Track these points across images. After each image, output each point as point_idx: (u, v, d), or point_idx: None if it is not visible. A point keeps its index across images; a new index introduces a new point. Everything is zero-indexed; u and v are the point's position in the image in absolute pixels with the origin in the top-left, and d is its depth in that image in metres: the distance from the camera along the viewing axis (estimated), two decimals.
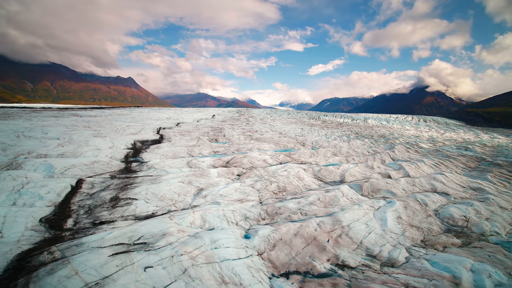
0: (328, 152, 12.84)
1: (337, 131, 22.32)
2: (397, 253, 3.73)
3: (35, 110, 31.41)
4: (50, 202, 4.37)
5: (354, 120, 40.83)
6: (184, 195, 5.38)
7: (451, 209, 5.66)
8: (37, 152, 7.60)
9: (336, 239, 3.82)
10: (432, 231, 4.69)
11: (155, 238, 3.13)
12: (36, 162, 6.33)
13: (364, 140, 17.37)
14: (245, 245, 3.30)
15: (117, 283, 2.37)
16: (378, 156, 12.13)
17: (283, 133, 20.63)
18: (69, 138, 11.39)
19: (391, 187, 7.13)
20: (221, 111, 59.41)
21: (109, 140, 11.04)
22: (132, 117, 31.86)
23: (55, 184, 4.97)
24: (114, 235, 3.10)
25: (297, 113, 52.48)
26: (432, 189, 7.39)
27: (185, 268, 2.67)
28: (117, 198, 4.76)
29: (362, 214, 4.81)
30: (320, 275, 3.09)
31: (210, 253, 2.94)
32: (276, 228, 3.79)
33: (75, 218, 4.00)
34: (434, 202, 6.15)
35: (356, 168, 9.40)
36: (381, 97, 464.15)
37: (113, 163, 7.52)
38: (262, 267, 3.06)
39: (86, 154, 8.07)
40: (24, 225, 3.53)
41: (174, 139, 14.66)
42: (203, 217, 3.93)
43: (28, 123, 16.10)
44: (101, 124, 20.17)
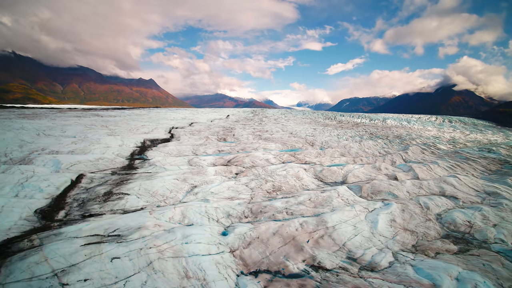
0: (336, 153, 12.51)
1: (350, 132, 21.68)
2: (381, 257, 3.55)
3: (61, 111, 33.60)
4: (48, 195, 4.66)
5: (372, 121, 39.48)
6: (176, 191, 5.49)
7: (455, 213, 5.28)
8: (50, 149, 8.13)
9: (317, 240, 3.71)
10: (428, 236, 4.41)
11: (130, 231, 3.23)
12: (46, 158, 6.77)
13: (377, 140, 16.73)
14: (218, 242, 3.30)
15: (81, 271, 2.48)
16: (388, 157, 11.63)
17: (294, 133, 20.40)
18: (84, 136, 12.05)
19: (393, 189, 6.81)
20: (236, 111, 59.98)
21: (120, 139, 11.53)
22: (149, 117, 33.08)
23: (56, 178, 5.29)
24: (91, 227, 3.24)
25: (312, 113, 51.70)
26: (441, 192, 6.95)
27: (151, 261, 2.73)
28: (110, 193, 4.97)
29: (352, 215, 4.63)
30: (291, 276, 3.01)
31: (179, 247, 2.98)
32: (255, 226, 3.76)
33: (67, 210, 4.23)
34: (438, 206, 5.77)
35: (361, 169, 9.08)
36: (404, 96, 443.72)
37: (117, 160, 7.86)
38: (232, 264, 3.05)
39: (94, 151, 8.50)
40: (19, 215, 3.79)
41: (183, 138, 15.01)
42: (183, 213, 3.99)
43: (51, 122, 17.24)
44: (118, 123, 21.12)
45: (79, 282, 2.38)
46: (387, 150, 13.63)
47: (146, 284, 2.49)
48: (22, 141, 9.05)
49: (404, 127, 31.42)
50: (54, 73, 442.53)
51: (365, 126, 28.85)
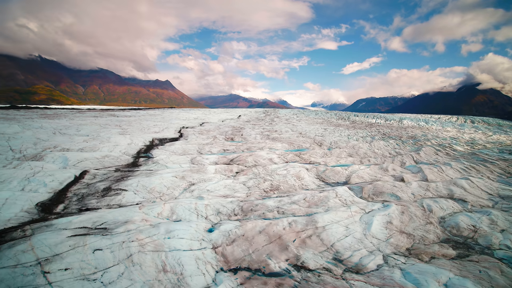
0: (343, 153, 12.24)
1: (362, 132, 21.13)
2: (369, 259, 3.43)
3: (80, 111, 35.24)
4: (51, 189, 4.90)
5: (387, 121, 38.33)
6: (173, 189, 5.60)
7: (460, 217, 5.00)
8: (61, 146, 8.55)
9: (304, 240, 3.64)
10: (426, 239, 4.20)
11: (117, 224, 3.34)
12: (55, 155, 7.13)
13: (388, 141, 16.19)
14: (202, 238, 3.33)
15: (63, 261, 2.59)
16: (398, 158, 11.23)
17: (303, 133, 20.18)
18: (97, 135, 12.56)
19: (397, 190, 6.56)
20: (248, 111, 60.24)
21: (129, 138, 11.92)
22: (162, 117, 33.95)
23: (61, 174, 5.56)
24: (81, 219, 3.38)
25: (325, 113, 50.96)
26: (449, 195, 6.62)
27: (131, 254, 2.80)
28: (109, 189, 5.15)
29: (346, 216, 4.51)
30: (271, 274, 2.98)
31: (160, 242, 3.04)
32: (242, 224, 3.76)
33: (66, 204, 4.43)
34: (443, 209, 5.49)
35: (367, 170, 8.82)
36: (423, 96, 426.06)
37: (122, 157, 8.14)
38: (212, 260, 3.07)
39: (102, 149, 8.85)
40: (20, 207, 4.03)
41: (191, 137, 15.28)
42: (172, 209, 4.06)
43: (69, 122, 18.12)
44: (131, 123, 21.82)
45: (59, 271, 2.49)
46: (398, 151, 13.15)
47: (123, 275, 2.56)
48: (38, 139, 9.58)
49: (421, 127, 30.22)
50: (76, 76, 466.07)
51: (379, 127, 28.04)
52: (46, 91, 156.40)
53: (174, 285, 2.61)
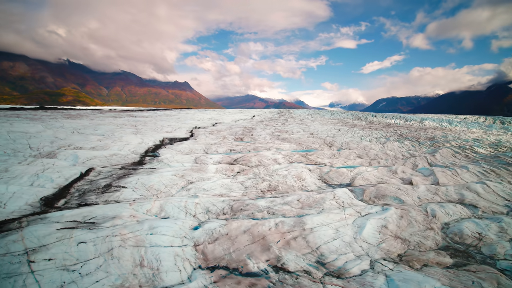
0: (353, 154, 11.90)
1: (377, 133, 20.41)
2: (354, 264, 3.31)
3: (102, 112, 37.04)
4: (57, 185, 5.22)
5: (407, 121, 36.80)
6: (171, 187, 5.75)
7: (466, 224, 4.69)
8: (75, 145, 9.06)
9: (288, 241, 3.59)
10: (422, 246, 3.98)
11: (105, 219, 3.49)
12: (67, 153, 7.57)
13: (404, 142, 15.52)
14: (184, 236, 3.39)
15: (48, 252, 2.75)
16: (411, 160, 10.73)
17: (314, 134, 19.88)
18: (111, 134, 13.16)
19: (401, 193, 6.27)
20: (262, 112, 60.28)
21: (140, 137, 12.37)
22: (178, 117, 34.86)
23: (68, 171, 5.90)
24: (73, 213, 3.57)
25: (342, 113, 49.85)
26: (459, 200, 6.22)
27: (112, 248, 2.91)
28: (110, 185, 5.38)
29: (339, 218, 4.38)
30: (248, 274, 2.97)
31: (142, 237, 3.13)
32: (227, 223, 3.78)
33: (67, 199, 4.70)
34: (449, 214, 5.18)
35: (374, 172, 8.52)
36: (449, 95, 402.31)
37: (130, 156, 8.47)
38: (191, 258, 3.11)
39: (112, 148, 9.26)
40: (25, 201, 4.33)
41: (200, 137, 15.56)
42: (161, 206, 4.17)
43: (88, 122, 19.13)
44: (146, 123, 22.59)
45: (43, 261, 2.65)
46: (412, 153, 12.56)
47: (100, 268, 2.67)
48: (56, 138, 10.21)
49: (443, 128, 28.69)
50: (100, 78, 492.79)
51: (397, 127, 26.98)
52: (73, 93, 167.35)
53: (148, 279, 2.69)
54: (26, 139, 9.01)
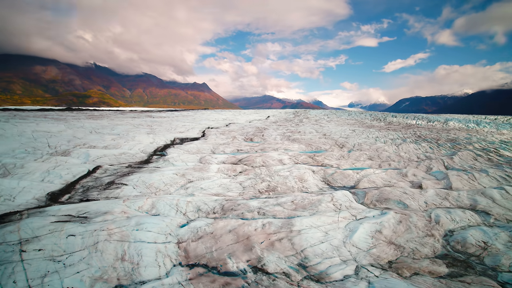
0: (363, 156, 11.52)
1: (394, 134, 19.61)
2: (338, 269, 3.21)
3: (123, 112, 38.77)
4: (64, 181, 5.57)
5: (429, 122, 35.03)
6: (170, 185, 5.91)
7: (472, 231, 4.38)
8: (90, 144, 9.59)
9: (273, 242, 3.56)
10: (417, 253, 3.77)
11: (97, 214, 3.67)
12: (80, 151, 8.04)
13: (421, 144, 14.77)
14: (169, 233, 3.48)
15: (40, 243, 2.95)
16: (425, 163, 10.18)
17: (327, 134, 19.50)
18: (126, 134, 13.76)
19: (406, 197, 5.98)
20: (278, 112, 59.99)
21: (152, 137, 12.82)
22: (194, 118, 35.64)
23: (76, 168, 6.26)
24: (69, 208, 3.79)
25: (360, 114, 48.49)
26: (471, 206, 5.82)
27: (97, 241, 3.06)
28: (112, 182, 5.65)
29: (330, 221, 4.27)
30: (225, 273, 2.99)
31: (127, 233, 3.26)
32: (214, 222, 3.82)
33: (71, 195, 5.00)
34: (455, 221, 4.85)
35: (382, 174, 8.21)
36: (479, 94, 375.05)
37: (138, 155, 8.81)
38: (173, 254, 3.19)
39: (123, 147, 9.69)
40: (33, 195, 4.66)
41: (211, 137, 15.81)
42: (153, 204, 4.30)
43: (108, 122, 20.12)
44: (162, 124, 23.32)
45: (34, 251, 2.85)
46: (429, 155, 11.91)
47: (83, 260, 2.82)
48: (74, 137, 10.87)
49: (469, 129, 26.95)
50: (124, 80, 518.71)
51: (418, 128, 25.77)
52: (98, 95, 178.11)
53: (126, 273, 2.80)
54: (46, 138, 9.68)
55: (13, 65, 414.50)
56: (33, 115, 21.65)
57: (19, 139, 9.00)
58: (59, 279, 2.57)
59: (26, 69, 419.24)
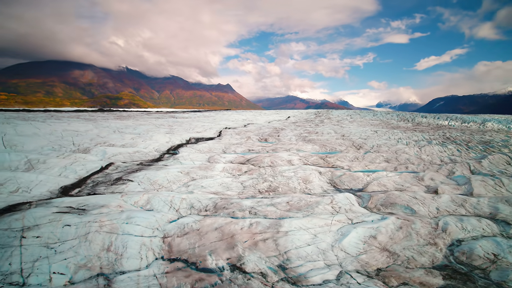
0: (379, 158, 10.98)
1: (420, 135, 18.43)
2: (319, 272, 3.11)
3: (149, 113, 40.77)
4: (78, 176, 6.04)
5: (464, 123, 32.44)
6: (173, 183, 6.13)
7: (483, 242, 3.97)
8: (109, 142, 10.26)
9: (257, 242, 3.55)
10: (413, 262, 3.52)
11: (94, 207, 3.93)
12: (99, 149, 8.64)
13: (447, 146, 13.70)
14: (157, 227, 3.62)
15: (38, 231, 3.25)
16: (447, 167, 9.43)
17: (345, 135, 18.90)
18: (146, 133, 14.48)
19: (415, 203, 5.59)
20: (299, 113, 59.15)
21: (169, 137, 13.35)
22: (214, 118, 36.46)
23: (91, 164, 6.75)
24: (71, 200, 4.11)
25: (386, 114, 46.25)
26: (491, 215, 5.29)
27: (88, 232, 3.29)
28: (120, 179, 6.00)
29: (322, 224, 4.14)
30: (203, 269, 3.04)
31: (117, 226, 3.45)
32: (202, 219, 3.90)
33: (81, 189, 5.40)
34: (466, 230, 4.44)
35: (395, 178, 7.76)
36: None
37: (151, 153, 9.25)
38: (156, 248, 3.32)
39: (139, 146, 10.22)
40: (48, 188, 5.12)
41: (225, 137, 16.08)
42: (148, 199, 4.50)
43: (132, 122, 21.31)
44: (182, 124, 24.16)
45: (32, 238, 3.14)
46: (454, 158, 11.01)
47: (72, 248, 3.05)
48: (97, 136, 11.71)
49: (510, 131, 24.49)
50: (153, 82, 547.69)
51: (449, 130, 23.98)
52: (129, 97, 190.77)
53: (109, 263, 2.97)
54: (72, 137, 10.55)
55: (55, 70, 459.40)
56: (68, 115, 23.65)
57: (49, 137, 9.91)
58: (48, 264, 2.81)
59: (66, 73, 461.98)
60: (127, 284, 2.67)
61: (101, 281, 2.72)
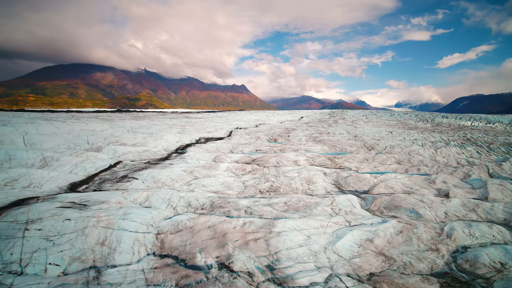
0: (391, 159, 10.61)
1: (438, 136, 17.63)
2: (307, 274, 3.05)
3: (164, 114, 41.85)
4: (87, 173, 6.33)
5: (489, 124, 30.69)
6: (176, 181, 6.27)
7: (490, 250, 3.73)
8: (121, 141, 10.66)
9: (248, 241, 3.55)
10: (409, 268, 3.36)
11: (95, 203, 4.11)
12: (110, 148, 9.01)
13: (467, 148, 13.00)
14: (151, 224, 3.73)
15: (41, 224, 3.45)
16: (463, 169, 8.94)
17: (358, 136, 18.44)
18: (158, 133, 14.89)
19: (422, 206, 5.34)
20: (313, 113, 58.39)
21: (179, 136, 13.66)
22: (227, 119, 36.78)
23: (100, 162, 7.05)
24: (74, 196, 4.32)
25: (404, 114, 44.63)
26: (504, 221, 4.96)
27: (86, 226, 3.45)
28: (125, 176, 6.22)
29: (318, 226, 4.06)
30: (190, 266, 3.09)
31: (113, 221, 3.59)
32: (196, 217, 3.96)
33: (88, 185, 5.66)
34: (473, 237, 4.19)
35: (404, 180, 7.48)
36: None
37: (160, 152, 9.51)
38: (149, 244, 3.41)
39: (149, 145, 10.54)
40: (57, 184, 5.41)
41: (235, 137, 16.19)
42: (147, 197, 4.62)
43: (147, 122, 21.99)
44: (195, 124, 24.59)
45: (34, 230, 3.34)
46: (472, 161, 10.41)
47: (69, 241, 3.21)
48: (111, 135, 12.20)
49: None
50: (169, 84, 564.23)
51: (471, 130, 22.76)
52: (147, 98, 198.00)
53: (102, 256, 3.09)
54: (88, 136, 11.07)
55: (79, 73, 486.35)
56: (87, 116, 24.82)
57: (66, 136, 10.47)
58: (45, 256, 2.98)
59: (89, 76, 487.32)
60: (115, 277, 2.77)
61: (92, 273, 2.84)
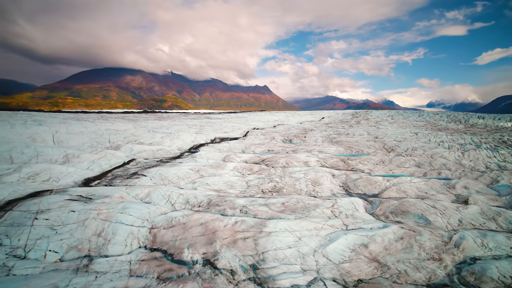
0: (409, 162, 10.03)
1: (469, 138, 16.31)
2: (290, 276, 3.00)
3: (186, 114, 43.29)
4: (101, 170, 6.77)
5: None
6: (182, 179, 6.48)
7: (502, 263, 3.37)
8: (139, 140, 11.25)
9: (236, 240, 3.57)
10: (403, 277, 3.15)
11: (99, 197, 4.39)
12: (127, 147, 9.55)
13: (500, 151, 11.86)
14: (147, 219, 3.90)
15: (49, 214, 3.77)
16: (492, 174, 8.17)
17: (379, 137, 17.67)
18: (176, 133, 15.46)
19: (433, 212, 4.97)
20: (335, 113, 56.84)
21: (195, 136, 14.07)
22: (246, 119, 37.11)
23: (115, 160, 7.51)
24: (82, 190, 4.65)
25: (434, 114, 41.83)
26: None
27: (87, 218, 3.70)
28: (135, 173, 6.56)
29: (311, 228, 3.96)
30: (177, 261, 3.18)
31: (112, 214, 3.81)
32: (190, 214, 4.07)
33: (100, 181, 6.06)
34: (486, 248, 3.81)
35: (419, 184, 7.04)
36: None
37: (173, 151, 9.88)
38: (142, 237, 3.58)
39: (164, 144, 10.99)
40: (73, 179, 5.87)
41: (249, 137, 16.28)
42: (149, 193, 4.83)
43: (168, 122, 22.91)
44: (213, 124, 25.13)
45: (42, 219, 3.66)
46: (504, 165, 9.46)
47: (70, 231, 3.47)
48: (132, 134, 12.92)
49: None
50: (194, 85, 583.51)
51: (510, 132, 20.69)
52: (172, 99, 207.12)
53: (97, 247, 3.31)
54: (110, 135, 11.83)
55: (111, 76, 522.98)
56: (115, 116, 26.48)
57: (91, 135, 11.30)
58: (47, 243, 3.26)
59: (120, 79, 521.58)
60: (103, 266, 2.95)
61: (84, 262, 3.05)
